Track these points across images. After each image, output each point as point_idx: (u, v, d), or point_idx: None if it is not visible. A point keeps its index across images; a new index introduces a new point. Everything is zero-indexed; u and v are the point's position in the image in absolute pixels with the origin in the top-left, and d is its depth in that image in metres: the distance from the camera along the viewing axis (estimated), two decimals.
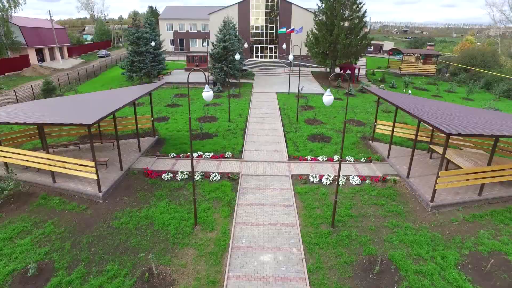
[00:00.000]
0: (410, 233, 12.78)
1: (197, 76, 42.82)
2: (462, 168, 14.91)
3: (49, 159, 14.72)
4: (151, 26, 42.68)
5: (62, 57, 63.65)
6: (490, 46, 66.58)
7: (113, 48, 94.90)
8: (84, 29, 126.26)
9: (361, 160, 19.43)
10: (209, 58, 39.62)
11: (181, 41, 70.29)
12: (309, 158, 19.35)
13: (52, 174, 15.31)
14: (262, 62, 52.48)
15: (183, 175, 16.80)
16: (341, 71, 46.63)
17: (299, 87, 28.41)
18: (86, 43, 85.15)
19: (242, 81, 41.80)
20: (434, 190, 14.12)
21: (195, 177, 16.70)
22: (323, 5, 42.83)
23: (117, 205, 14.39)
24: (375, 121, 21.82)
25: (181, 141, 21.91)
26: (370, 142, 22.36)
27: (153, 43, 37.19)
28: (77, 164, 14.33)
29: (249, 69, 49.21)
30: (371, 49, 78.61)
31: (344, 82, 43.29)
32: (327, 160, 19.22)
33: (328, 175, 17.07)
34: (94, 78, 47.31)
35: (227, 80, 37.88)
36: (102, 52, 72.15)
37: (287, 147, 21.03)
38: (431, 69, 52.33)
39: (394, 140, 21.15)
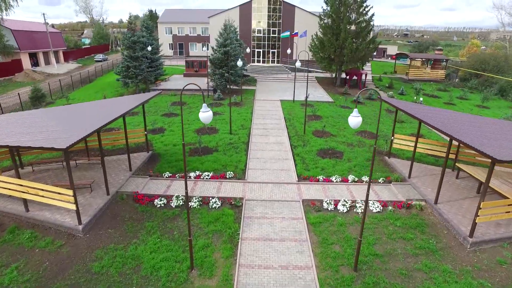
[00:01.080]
0: (451, 279, 10.58)
1: (197, 82, 40.74)
2: (508, 198, 12.69)
3: (20, 185, 12.55)
4: (148, 29, 40.61)
5: (58, 62, 61.63)
6: (498, 50, 64.57)
7: (111, 52, 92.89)
8: (83, 32, 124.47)
9: (379, 180, 17.25)
10: (208, 64, 37.53)
11: (181, 45, 68.31)
12: (321, 178, 17.17)
13: (25, 201, 13.12)
14: (264, 67, 50.44)
15: (178, 201, 14.62)
16: (347, 77, 44.59)
17: (307, 95, 26.19)
18: (83, 47, 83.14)
19: (244, 87, 39.68)
20: (474, 224, 11.93)
21: (192, 203, 14.53)
22: (329, 8, 40.82)
23: (99, 240, 12.20)
24: (392, 135, 19.66)
25: (178, 157, 19.73)
26: (386, 158, 20.20)
27: (149, 48, 35.08)
28: (53, 192, 12.16)
29: (250, 75, 47.10)
30: (375, 54, 76.61)
31: (351, 88, 41.14)
32: (341, 181, 17.04)
33: (345, 200, 14.89)
34: (89, 84, 45.25)
35: (228, 86, 35.78)
36: (99, 56, 70.14)
37: (295, 164, 18.85)
38: (440, 74, 50.25)
39: (411, 155, 19.00)
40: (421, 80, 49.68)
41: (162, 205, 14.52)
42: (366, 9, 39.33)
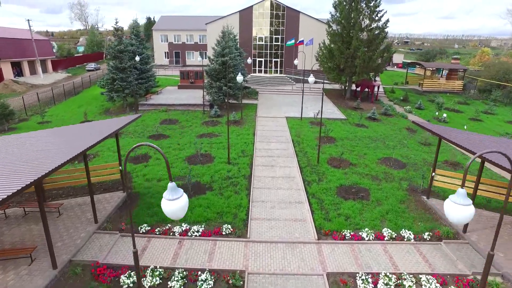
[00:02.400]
0: None
1: (192, 95, 36.70)
2: None
3: None
4: (138, 37, 36.62)
5: (45, 71, 57.64)
6: None
7: (106, 60, 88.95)
8: (79, 40, 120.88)
9: (425, 236, 12.98)
10: (205, 75, 33.47)
11: (177, 53, 64.44)
12: (348, 234, 12.92)
13: None
14: (266, 78, 46.40)
15: (154, 279, 10.34)
16: (357, 88, 40.56)
17: (316, 115, 22.02)
18: (75, 55, 79.26)
19: (244, 101, 35.56)
20: None
21: (172, 282, 10.25)
22: (338, 13, 36.88)
23: None
24: (433, 171, 15.44)
25: (162, 197, 15.43)
26: (424, 198, 15.98)
27: (137, 58, 31.02)
28: None
29: (252, 87, 43.01)
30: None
31: (362, 101, 37.01)
32: (375, 239, 12.77)
33: (387, 275, 10.62)
34: (74, 97, 41.15)
35: (226, 100, 31.65)
36: (91, 65, 66.16)
37: (311, 211, 14.61)
38: (457, 85, 46.18)
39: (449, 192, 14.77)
40: (437, 91, 45.65)
41: (131, 284, 10.24)
42: (379, 15, 35.37)
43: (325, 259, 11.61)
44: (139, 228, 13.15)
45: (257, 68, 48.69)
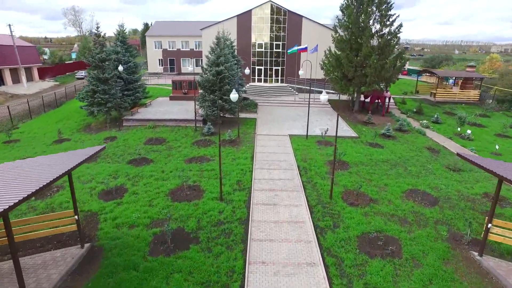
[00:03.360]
0: None
1: (184, 108, 33.03)
2: None
3: None
4: (124, 44, 33.03)
5: (31, 80, 54.02)
6: None
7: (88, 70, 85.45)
8: (74, 47, 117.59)
9: None
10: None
11: (171, 60, 60.92)
12: None
13: None
14: (267, 88, 42.75)
15: None
16: (365, 99, 36.97)
17: (335, 142, 18.38)
18: (66, 63, 75.74)
19: (241, 115, 31.89)
20: None
21: None
22: (345, 17, 33.35)
23: None
24: (489, 221, 11.72)
25: (132, 254, 11.78)
26: (476, 255, 12.21)
27: (120, 68, 27.41)
28: None
29: (250, 97, 39.40)
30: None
31: (372, 114, 33.38)
32: None
33: None
34: (55, 109, 37.47)
35: (221, 117, 27.99)
36: (81, 73, 62.68)
37: (328, 278, 10.83)
38: (474, 95, 42.58)
39: (507, 247, 11.31)
40: (451, 102, 42.09)
41: None
42: (391, 19, 31.81)
43: None
44: None
45: (256, 77, 45.08)
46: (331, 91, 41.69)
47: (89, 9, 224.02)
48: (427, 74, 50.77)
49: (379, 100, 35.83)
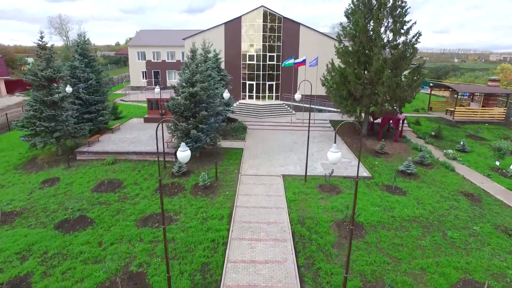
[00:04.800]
0: None
1: (159, 134, 26.97)
2: None
3: None
4: (85, 58, 27.30)
5: None
6: None
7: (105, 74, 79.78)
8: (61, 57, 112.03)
9: None
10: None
11: (156, 73, 55.26)
12: None
13: None
14: (259, 106, 36.93)
15: None
16: (374, 121, 31.18)
17: (353, 213, 12.57)
18: None
19: (226, 144, 26.06)
20: None
21: None
22: (351, 25, 27.72)
23: None
24: None
25: None
26: None
27: (68, 88, 21.64)
28: None
29: (239, 118, 33.61)
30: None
31: (384, 138, 27.60)
32: None
33: None
34: (7, 133, 31.52)
35: (201, 146, 22.17)
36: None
37: None
38: (499, 114, 36.84)
39: None
40: (472, 121, 36.33)
41: None
42: (407, 26, 26.15)
43: None
44: None
45: (247, 93, 39.28)
46: (334, 110, 35.95)
47: (87, 19, 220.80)
48: (442, 89, 45.03)
49: (392, 123, 30.03)
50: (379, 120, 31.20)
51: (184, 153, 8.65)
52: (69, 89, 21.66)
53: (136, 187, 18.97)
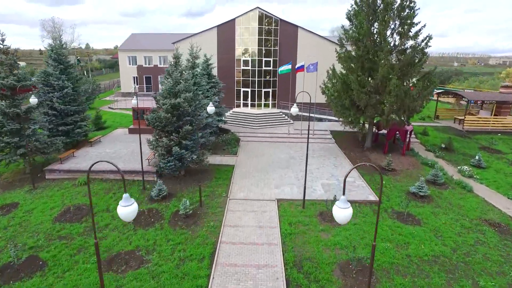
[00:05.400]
0: None
1: (144, 147, 24.37)
2: None
3: None
4: (60, 64, 24.71)
5: None
6: None
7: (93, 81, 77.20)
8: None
9: None
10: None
11: (148, 78, 52.68)
12: None
13: None
14: (254, 115, 34.29)
15: None
16: (379, 131, 28.61)
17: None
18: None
19: (215, 159, 23.43)
20: None
21: None
22: (354, 27, 25.18)
23: None
24: None
25: None
26: None
27: (33, 100, 18.98)
28: None
29: (231, 129, 30.98)
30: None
31: (390, 151, 25.00)
32: None
33: None
34: None
35: (185, 165, 19.53)
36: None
37: None
38: None
39: None
40: (483, 131, 33.74)
41: None
42: (414, 29, 23.60)
43: None
44: None
45: (241, 101, 36.66)
46: (334, 118, 33.36)
47: (87, 22, 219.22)
48: (449, 95, 42.47)
49: (399, 135, 27.43)
50: (384, 131, 28.62)
51: (125, 210, 5.97)
52: (33, 100, 18.97)
53: (107, 215, 16.28)
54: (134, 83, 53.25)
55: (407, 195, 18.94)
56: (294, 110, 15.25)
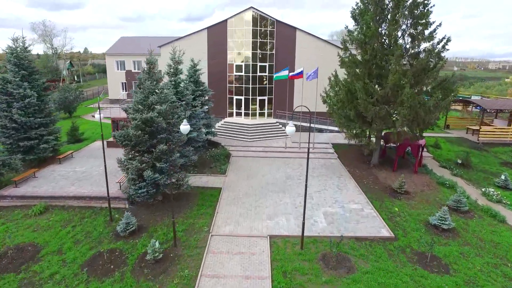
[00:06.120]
0: None
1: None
2: None
3: None
4: (22, 69, 21.49)
5: None
6: None
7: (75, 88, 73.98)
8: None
9: None
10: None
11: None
12: None
13: None
14: (247, 126, 31.06)
15: None
16: (386, 144, 25.47)
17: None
18: None
19: (201, 181, 20.20)
20: None
21: None
22: (359, 28, 22.09)
23: None
24: None
25: None
26: None
27: None
28: None
29: (222, 143, 27.78)
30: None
31: (400, 168, 21.81)
32: None
33: None
34: None
35: (160, 191, 16.31)
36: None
37: None
38: None
39: None
40: (499, 143, 30.56)
41: None
42: (429, 29, 20.48)
43: None
44: None
45: (234, 110, 33.42)
46: (336, 129, 30.22)
47: (86, 27, 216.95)
48: (456, 103, 39.28)
49: (410, 150, 24.27)
50: (392, 144, 25.44)
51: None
52: None
53: (56, 259, 13.02)
54: (123, 89, 50.09)
55: (426, 227, 15.72)
56: (290, 130, 12.04)
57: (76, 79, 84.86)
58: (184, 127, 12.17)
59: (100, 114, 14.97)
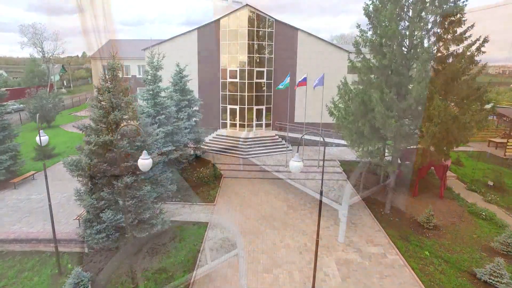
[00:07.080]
0: None
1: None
2: None
3: None
4: None
5: None
6: None
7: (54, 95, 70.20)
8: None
9: None
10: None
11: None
12: None
13: None
14: (242, 140, 27.30)
15: None
16: (400, 162, 21.66)
17: None
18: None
19: (180, 213, 16.46)
20: None
21: None
22: (372, 27, 18.47)
23: None
24: None
25: None
26: None
27: None
28: None
29: (213, 158, 24.05)
30: None
31: (421, 193, 18.13)
32: None
33: None
34: None
35: (129, 233, 12.44)
36: (12, 105, 47.45)
37: None
38: None
39: None
40: None
41: None
42: (460, 26, 16.87)
43: None
44: None
45: (228, 121, 29.65)
46: (344, 143, 26.48)
47: (87, 31, 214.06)
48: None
49: (435, 171, 20.61)
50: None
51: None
52: None
53: None
54: None
55: (472, 284, 11.97)
56: (295, 166, 8.32)
57: (65, 84, 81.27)
58: (144, 163, 8.40)
59: (39, 136, 11.23)
